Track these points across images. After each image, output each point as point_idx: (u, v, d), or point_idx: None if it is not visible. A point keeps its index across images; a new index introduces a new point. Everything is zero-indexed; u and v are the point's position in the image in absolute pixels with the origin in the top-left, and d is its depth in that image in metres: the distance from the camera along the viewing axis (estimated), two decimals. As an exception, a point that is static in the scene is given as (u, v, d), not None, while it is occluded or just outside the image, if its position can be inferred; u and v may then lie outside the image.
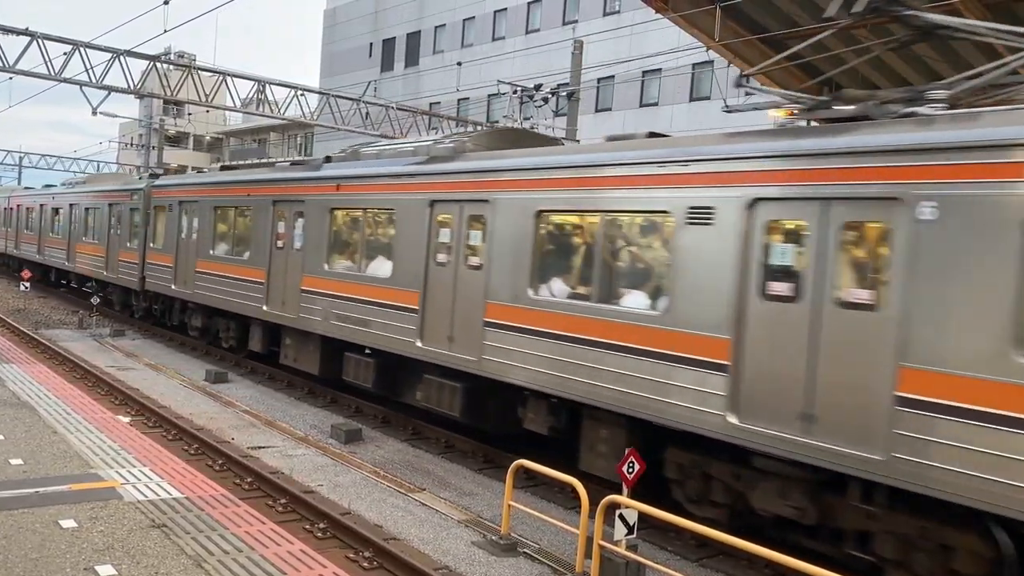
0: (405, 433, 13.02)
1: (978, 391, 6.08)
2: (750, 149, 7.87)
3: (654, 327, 8.39)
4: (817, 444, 6.93)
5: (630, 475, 7.77)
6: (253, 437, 12.21)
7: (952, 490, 6.15)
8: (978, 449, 6.03)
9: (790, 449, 7.15)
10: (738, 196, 7.73)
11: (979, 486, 6.00)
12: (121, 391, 14.24)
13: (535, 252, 10.02)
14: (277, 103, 26.19)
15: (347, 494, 9.69)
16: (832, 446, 6.83)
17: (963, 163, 6.32)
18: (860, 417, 6.69)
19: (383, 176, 12.83)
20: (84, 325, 23.22)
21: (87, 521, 7.84)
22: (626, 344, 8.65)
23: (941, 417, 6.24)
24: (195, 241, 18.94)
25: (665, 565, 7.45)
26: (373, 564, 7.58)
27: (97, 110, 23.98)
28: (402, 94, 42.59)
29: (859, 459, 6.67)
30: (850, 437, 6.73)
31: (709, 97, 29.00)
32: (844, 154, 7.04)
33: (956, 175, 6.36)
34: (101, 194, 25.70)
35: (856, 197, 6.97)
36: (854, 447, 6.69)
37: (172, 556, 7.18)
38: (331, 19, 53.46)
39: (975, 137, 6.33)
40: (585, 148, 10.88)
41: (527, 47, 37.97)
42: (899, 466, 6.42)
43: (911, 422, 6.37)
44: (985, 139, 6.25)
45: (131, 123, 69.65)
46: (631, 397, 8.53)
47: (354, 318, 12.99)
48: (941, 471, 6.20)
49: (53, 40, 20.84)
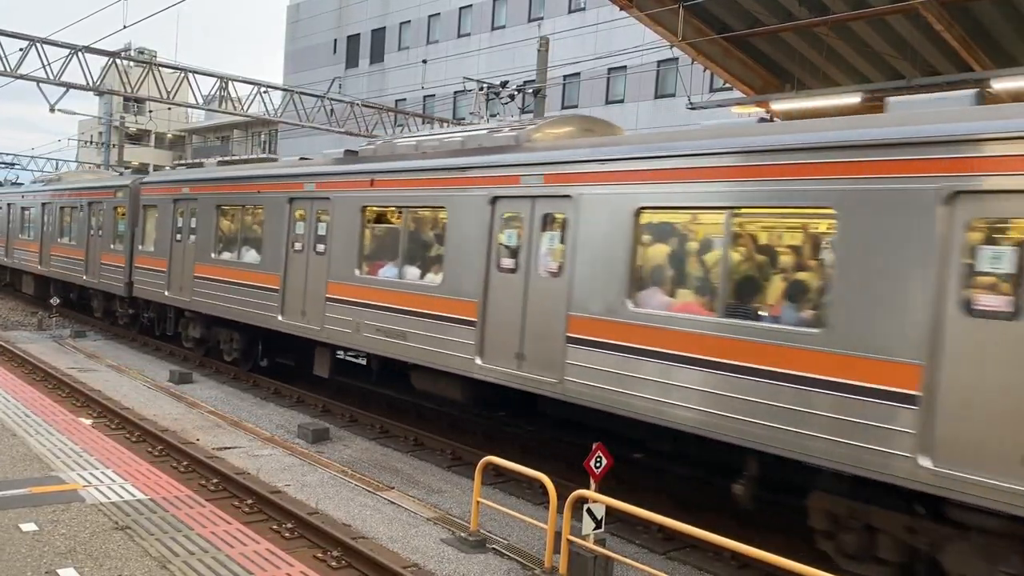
0: (373, 432, 12.96)
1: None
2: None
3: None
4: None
5: (597, 470, 7.82)
6: (219, 438, 12.07)
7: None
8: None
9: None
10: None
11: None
12: (83, 393, 13.99)
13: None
14: (240, 100, 25.89)
15: (315, 493, 9.63)
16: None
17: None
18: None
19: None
20: (44, 326, 22.77)
21: (48, 524, 7.70)
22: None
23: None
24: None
25: (633, 559, 7.52)
26: (342, 563, 7.55)
27: (55, 107, 23.47)
28: (367, 91, 42.34)
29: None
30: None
31: (674, 94, 29.22)
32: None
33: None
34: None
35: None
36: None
37: (136, 558, 7.08)
38: (294, 15, 52.94)
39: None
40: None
41: (493, 44, 37.94)
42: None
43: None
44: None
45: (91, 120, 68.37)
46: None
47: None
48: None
49: (8, 36, 20.36)
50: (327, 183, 13.44)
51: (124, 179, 22.05)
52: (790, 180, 7.35)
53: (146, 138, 70.78)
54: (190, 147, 70.63)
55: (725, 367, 7.62)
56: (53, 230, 25.62)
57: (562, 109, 34.93)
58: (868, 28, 13.90)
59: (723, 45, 15.77)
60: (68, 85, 21.81)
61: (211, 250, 16.62)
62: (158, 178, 20.34)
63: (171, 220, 18.25)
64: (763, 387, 7.31)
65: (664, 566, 7.99)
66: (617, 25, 28.28)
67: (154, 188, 19.63)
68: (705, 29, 15.34)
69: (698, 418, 7.81)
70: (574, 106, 35.29)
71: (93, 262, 22.39)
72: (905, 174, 6.57)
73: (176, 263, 17.90)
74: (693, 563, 8.22)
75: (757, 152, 7.59)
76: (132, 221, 20.33)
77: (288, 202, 14.26)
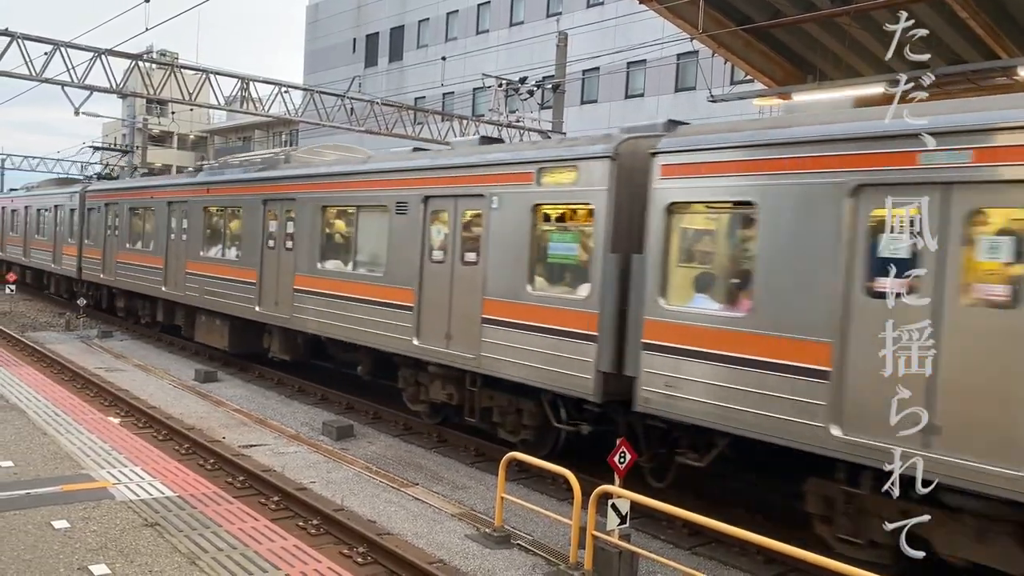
0: (397, 428, 13.02)
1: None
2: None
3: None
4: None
5: (621, 465, 7.81)
6: (244, 435, 12.18)
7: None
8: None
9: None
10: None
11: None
12: (110, 392, 14.17)
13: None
14: (261, 100, 26.03)
15: (340, 490, 9.69)
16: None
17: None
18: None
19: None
20: (71, 327, 23.07)
21: (79, 521, 7.82)
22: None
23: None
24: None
25: (658, 554, 7.50)
26: (367, 559, 7.59)
27: (80, 110, 23.73)
28: (386, 89, 42.44)
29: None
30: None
31: (694, 88, 29.03)
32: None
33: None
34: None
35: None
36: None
37: (166, 554, 7.17)
38: (314, 15, 53.18)
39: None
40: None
41: (511, 40, 37.90)
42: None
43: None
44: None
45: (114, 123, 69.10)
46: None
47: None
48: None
49: (33, 40, 20.58)
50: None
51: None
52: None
53: (169, 140, 71.42)
54: (212, 148, 71.20)
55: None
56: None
57: (581, 104, 34.88)
58: (891, 17, 13.71)
59: (744, 37, 15.64)
60: (92, 88, 22.00)
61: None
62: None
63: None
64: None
65: (690, 561, 7.97)
66: (636, 19, 28.13)
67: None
68: (725, 21, 15.22)
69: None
70: (593, 101, 35.21)
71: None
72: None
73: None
74: (719, 558, 8.19)
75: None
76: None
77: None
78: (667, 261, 8.43)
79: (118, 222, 22.80)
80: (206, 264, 17.70)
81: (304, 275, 14.11)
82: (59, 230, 27.91)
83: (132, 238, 21.94)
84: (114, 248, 22.92)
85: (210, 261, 17.57)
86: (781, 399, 7.28)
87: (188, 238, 18.56)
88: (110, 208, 23.58)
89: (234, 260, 16.51)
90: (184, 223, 18.87)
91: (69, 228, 26.81)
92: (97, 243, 24.21)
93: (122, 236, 22.43)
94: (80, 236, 25.64)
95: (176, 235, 19.21)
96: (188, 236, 18.56)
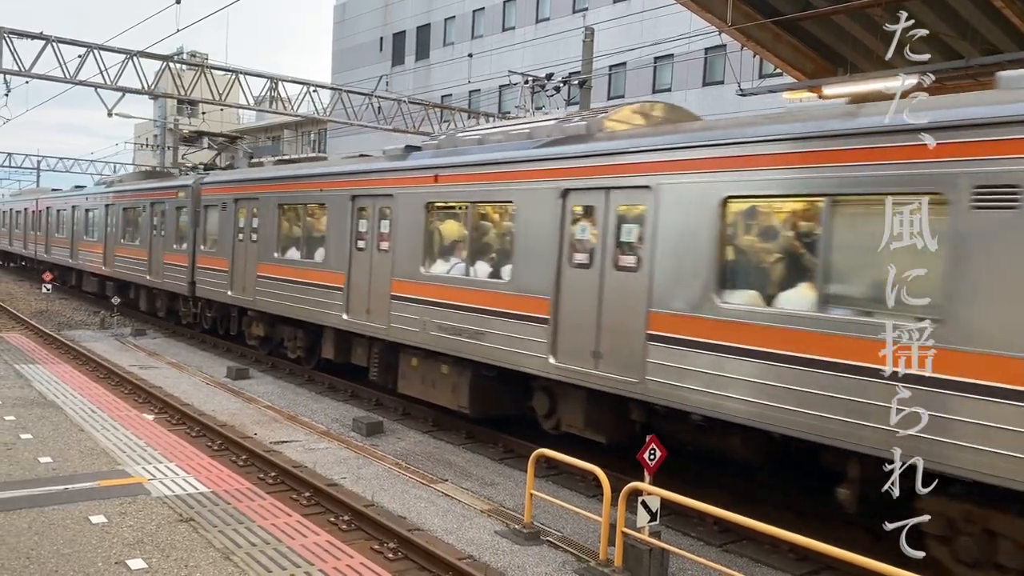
0: (426, 425, 13.08)
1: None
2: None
3: None
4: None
5: (651, 462, 7.78)
6: (276, 432, 12.31)
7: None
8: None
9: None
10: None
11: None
12: (144, 389, 14.40)
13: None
14: (290, 100, 26.28)
15: (370, 486, 9.76)
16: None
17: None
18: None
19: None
20: (105, 325, 23.45)
21: (116, 516, 7.96)
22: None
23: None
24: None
25: (689, 551, 7.47)
26: (398, 555, 7.65)
27: (113, 111, 24.12)
28: (413, 88, 42.60)
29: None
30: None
31: (722, 82, 28.79)
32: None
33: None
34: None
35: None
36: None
37: (201, 549, 7.28)
38: (341, 15, 53.48)
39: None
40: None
41: (537, 36, 37.85)
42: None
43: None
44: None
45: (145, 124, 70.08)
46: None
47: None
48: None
49: (67, 43, 20.97)
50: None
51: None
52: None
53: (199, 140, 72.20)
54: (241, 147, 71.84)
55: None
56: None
57: (608, 100, 34.73)
58: (924, 7, 13.50)
59: (773, 30, 15.46)
60: (124, 90, 22.37)
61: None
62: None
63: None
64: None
65: (720, 558, 7.93)
66: (663, 13, 28.01)
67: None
68: (754, 14, 15.06)
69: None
70: (620, 96, 35.04)
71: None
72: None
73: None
74: (750, 555, 8.14)
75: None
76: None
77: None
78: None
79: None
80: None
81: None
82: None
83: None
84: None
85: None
86: None
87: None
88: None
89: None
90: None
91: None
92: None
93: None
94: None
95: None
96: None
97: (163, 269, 21.62)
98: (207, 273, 19.22)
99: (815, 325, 7.29)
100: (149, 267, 22.67)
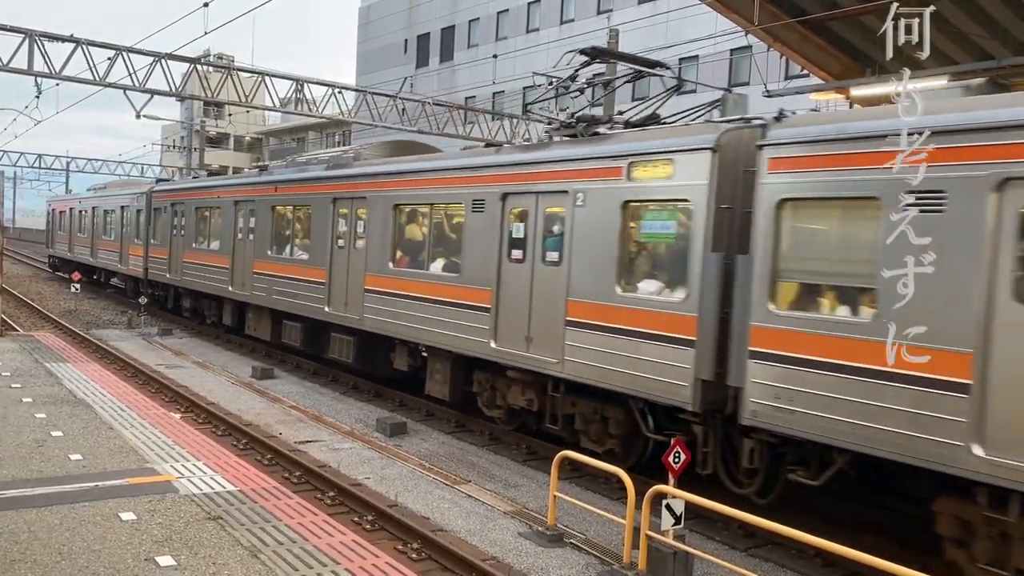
0: (449, 426, 13.12)
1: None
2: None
3: None
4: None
5: (676, 465, 7.75)
6: (300, 432, 12.41)
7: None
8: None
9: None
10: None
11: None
12: (171, 388, 14.57)
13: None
14: (315, 102, 26.42)
15: (394, 486, 9.81)
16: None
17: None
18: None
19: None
20: (133, 325, 23.76)
21: (146, 514, 8.06)
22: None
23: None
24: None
25: (713, 555, 7.43)
26: (422, 555, 7.68)
27: (140, 113, 24.38)
28: (437, 89, 42.71)
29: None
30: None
31: (748, 83, 28.60)
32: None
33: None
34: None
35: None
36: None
37: (228, 547, 7.35)
38: (365, 17, 53.80)
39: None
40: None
41: (562, 38, 37.80)
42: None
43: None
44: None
45: (173, 125, 70.92)
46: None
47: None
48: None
49: (97, 46, 21.21)
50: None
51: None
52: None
53: (225, 141, 72.98)
54: (267, 149, 72.55)
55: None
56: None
57: (632, 101, 34.59)
58: (954, 7, 13.35)
59: (799, 30, 15.36)
60: (152, 92, 22.56)
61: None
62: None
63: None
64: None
65: (745, 563, 7.88)
66: (688, 14, 27.88)
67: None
68: (780, 14, 14.97)
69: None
70: (643, 98, 34.88)
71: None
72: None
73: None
74: (775, 560, 8.09)
75: None
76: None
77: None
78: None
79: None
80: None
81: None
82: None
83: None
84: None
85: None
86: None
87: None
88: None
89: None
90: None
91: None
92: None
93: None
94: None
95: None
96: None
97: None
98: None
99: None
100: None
